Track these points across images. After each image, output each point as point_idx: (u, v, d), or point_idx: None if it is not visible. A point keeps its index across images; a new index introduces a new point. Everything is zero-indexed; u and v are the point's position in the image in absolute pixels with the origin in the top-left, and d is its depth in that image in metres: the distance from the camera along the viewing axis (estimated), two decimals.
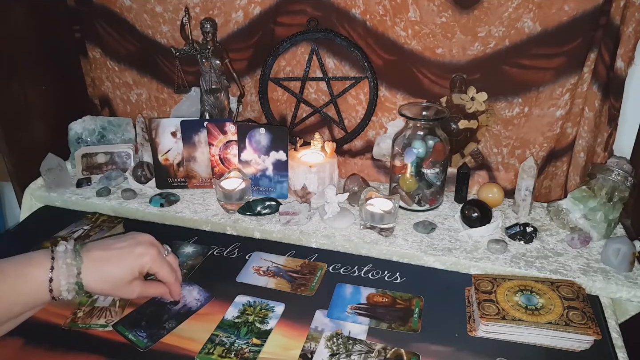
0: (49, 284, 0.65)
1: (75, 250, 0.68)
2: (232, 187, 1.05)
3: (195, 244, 1.00)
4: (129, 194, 1.12)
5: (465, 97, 1.06)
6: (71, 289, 0.66)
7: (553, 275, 0.86)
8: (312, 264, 0.94)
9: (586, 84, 1.00)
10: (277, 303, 0.83)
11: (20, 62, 1.20)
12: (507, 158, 1.13)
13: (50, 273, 0.65)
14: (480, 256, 0.91)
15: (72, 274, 0.66)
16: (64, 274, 0.65)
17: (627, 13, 0.91)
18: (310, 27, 1.12)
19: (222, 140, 1.12)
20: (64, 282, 0.65)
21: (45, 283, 0.65)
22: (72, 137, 1.24)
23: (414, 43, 1.07)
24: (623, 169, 0.94)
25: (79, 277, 0.66)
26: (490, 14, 0.99)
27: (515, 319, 0.74)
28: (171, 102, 1.32)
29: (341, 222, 1.01)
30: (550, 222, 1.02)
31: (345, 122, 1.21)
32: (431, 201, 1.07)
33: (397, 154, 1.05)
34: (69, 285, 0.66)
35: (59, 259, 0.66)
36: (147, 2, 1.20)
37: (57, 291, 0.65)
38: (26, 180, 1.20)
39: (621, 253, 0.86)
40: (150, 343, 0.75)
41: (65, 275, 0.65)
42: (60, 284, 0.65)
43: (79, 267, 0.67)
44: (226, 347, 0.74)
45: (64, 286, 0.65)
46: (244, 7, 1.15)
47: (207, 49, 1.12)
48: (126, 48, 1.29)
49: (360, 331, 0.77)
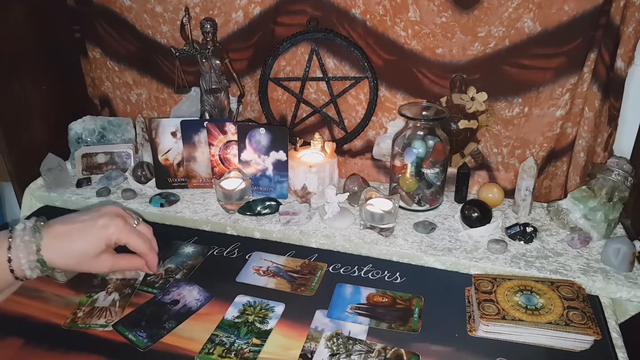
0: (9, 264, 0.62)
1: (35, 227, 0.64)
2: (232, 187, 1.05)
3: (195, 244, 1.00)
4: (129, 194, 1.12)
5: (465, 97, 1.06)
6: (33, 266, 0.63)
7: (553, 275, 0.86)
8: (312, 264, 0.94)
9: (586, 84, 1.00)
10: (277, 303, 0.83)
11: (20, 62, 1.20)
12: (507, 158, 1.13)
13: (8, 253, 0.62)
14: (480, 256, 0.91)
15: (31, 252, 0.63)
16: (23, 252, 0.62)
17: (627, 13, 0.91)
18: (310, 27, 1.12)
19: (222, 140, 1.12)
20: (24, 260, 0.62)
21: (4, 264, 0.62)
22: (72, 137, 1.24)
23: (414, 43, 1.07)
24: (623, 169, 0.94)
25: (39, 253, 0.63)
26: (490, 14, 0.99)
27: (515, 319, 0.74)
28: (171, 102, 1.32)
29: (341, 222, 1.01)
30: (550, 222, 1.02)
31: (345, 122, 1.21)
32: (431, 201, 1.07)
33: (397, 154, 1.05)
34: (30, 263, 0.63)
35: (16, 238, 0.63)
36: (147, 2, 1.20)
37: (19, 270, 0.62)
38: (26, 180, 1.20)
39: (621, 253, 0.86)
40: (150, 343, 0.75)
41: (25, 253, 0.62)
42: (20, 263, 0.62)
43: (38, 243, 0.63)
44: (226, 347, 0.74)
45: (25, 265, 0.62)
46: (244, 7, 1.15)
47: (207, 49, 1.12)
48: (126, 48, 1.29)
49: (360, 331, 0.77)
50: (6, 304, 0.82)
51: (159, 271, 0.79)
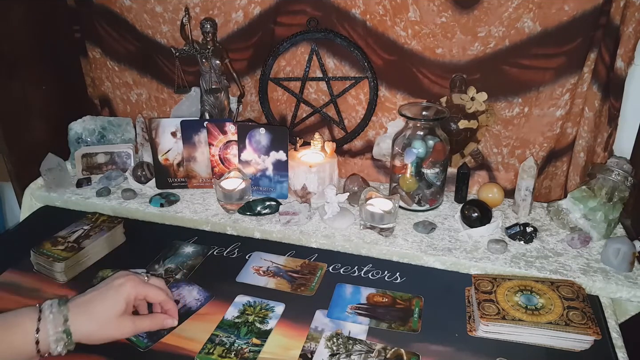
0: (36, 335, 0.64)
1: (60, 301, 0.68)
2: (232, 187, 1.05)
3: (195, 244, 1.00)
4: (129, 194, 1.12)
5: (465, 97, 1.06)
6: (59, 338, 0.65)
7: (553, 275, 0.86)
8: (312, 264, 0.94)
9: (586, 84, 1.00)
10: (277, 303, 0.83)
11: (20, 62, 1.20)
12: (507, 158, 1.13)
13: (37, 324, 0.65)
14: (480, 256, 0.91)
15: (59, 323, 0.66)
16: (52, 323, 0.65)
17: (627, 13, 0.91)
18: (310, 27, 1.12)
19: (222, 140, 1.12)
20: (52, 331, 0.65)
21: (31, 334, 0.64)
22: (72, 137, 1.24)
23: (414, 43, 1.07)
24: (623, 169, 0.94)
25: (66, 324, 0.66)
26: (490, 14, 0.99)
27: (515, 319, 0.74)
28: (171, 102, 1.32)
29: (341, 222, 1.01)
30: (550, 222, 1.02)
31: (345, 122, 1.21)
32: (431, 201, 1.07)
33: (397, 154, 1.05)
34: (57, 334, 0.65)
35: (45, 310, 0.66)
36: (147, 2, 1.20)
37: (45, 342, 0.64)
38: (26, 180, 1.20)
39: (621, 253, 0.86)
40: (150, 343, 0.75)
41: (53, 324, 0.65)
42: (48, 334, 0.65)
43: (65, 315, 0.66)
44: (226, 347, 0.74)
45: (52, 336, 0.65)
46: (244, 7, 1.15)
47: (207, 49, 1.12)
48: (126, 48, 1.29)
49: (360, 331, 0.77)
50: (6, 304, 0.82)
51: None
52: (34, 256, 0.91)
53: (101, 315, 0.69)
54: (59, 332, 0.65)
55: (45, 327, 0.65)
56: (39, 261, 0.91)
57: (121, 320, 0.70)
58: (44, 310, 0.66)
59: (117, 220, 1.01)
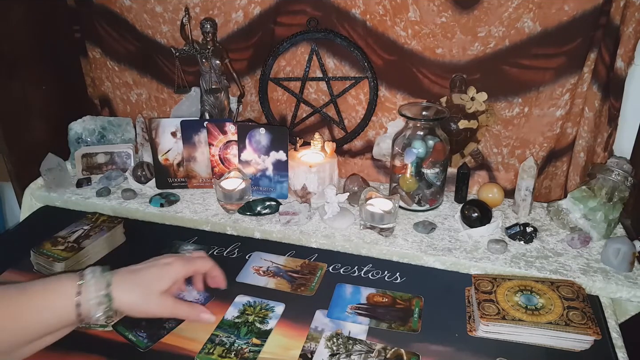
0: (77, 298, 0.62)
1: (103, 268, 0.66)
2: (232, 187, 1.05)
3: (195, 244, 1.00)
4: (129, 194, 1.12)
5: (465, 97, 1.06)
6: (100, 301, 0.63)
7: (553, 275, 0.86)
8: (312, 264, 0.94)
9: (586, 84, 1.00)
10: (277, 303, 0.83)
11: (20, 62, 1.20)
12: (507, 158, 1.13)
13: (79, 287, 0.62)
14: (480, 256, 0.91)
15: (101, 286, 0.63)
16: (94, 286, 0.63)
17: (627, 13, 0.91)
18: (310, 27, 1.12)
19: (222, 140, 1.12)
20: (94, 294, 0.62)
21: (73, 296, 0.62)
22: (72, 137, 1.24)
23: (414, 43, 1.07)
24: (623, 169, 0.94)
25: (108, 288, 0.63)
26: (490, 14, 0.99)
27: (515, 319, 0.73)
28: (171, 102, 1.32)
29: (341, 222, 1.01)
30: (550, 222, 1.02)
31: (345, 122, 1.21)
32: (431, 201, 1.07)
33: (397, 154, 1.05)
34: (99, 298, 0.62)
35: (87, 274, 0.64)
36: (147, 2, 1.20)
37: (86, 305, 0.62)
38: (26, 180, 1.20)
39: (621, 253, 0.86)
40: (150, 343, 0.75)
41: (95, 288, 0.63)
42: (89, 297, 0.62)
43: (108, 279, 0.64)
44: (226, 347, 0.74)
45: (93, 299, 0.62)
46: (244, 7, 1.15)
47: (207, 49, 1.12)
48: (126, 48, 1.29)
49: (360, 331, 0.77)
50: None
51: None
52: (34, 256, 0.91)
53: (145, 287, 0.67)
54: (101, 296, 0.63)
55: (87, 290, 0.62)
56: (39, 261, 0.91)
57: (163, 298, 0.68)
58: (85, 274, 0.64)
59: (117, 220, 1.01)
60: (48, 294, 0.62)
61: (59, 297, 0.62)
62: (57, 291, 0.62)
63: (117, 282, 0.65)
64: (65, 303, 0.62)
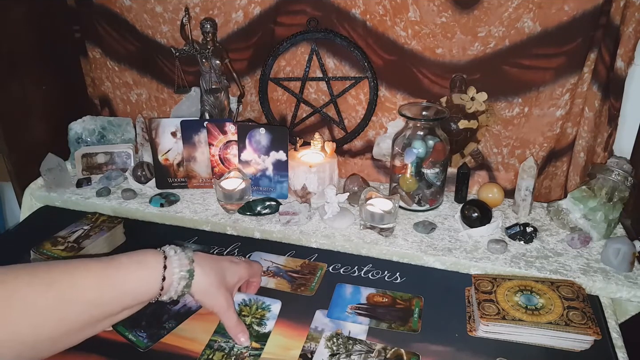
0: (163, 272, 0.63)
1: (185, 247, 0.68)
2: (232, 187, 1.05)
3: (195, 244, 1.00)
4: (129, 194, 1.12)
5: (465, 97, 1.06)
6: (183, 277, 0.65)
7: (553, 275, 0.86)
8: (312, 264, 0.94)
9: (586, 84, 1.00)
10: (273, 300, 0.82)
11: (20, 62, 1.20)
12: (507, 158, 1.13)
13: (164, 261, 0.64)
14: (480, 256, 0.91)
15: (185, 263, 0.65)
16: (178, 262, 0.65)
17: (627, 13, 0.91)
18: (310, 27, 1.12)
19: (222, 140, 1.12)
20: (178, 269, 0.64)
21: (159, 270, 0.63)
22: (72, 137, 1.24)
23: (414, 43, 1.07)
24: (623, 169, 0.94)
25: (192, 264, 0.66)
26: (490, 14, 0.99)
27: (515, 319, 0.73)
28: (171, 102, 1.32)
29: (341, 222, 1.01)
30: (550, 222, 1.02)
31: (345, 122, 1.21)
32: (431, 201, 1.07)
33: (397, 154, 1.05)
34: (182, 273, 0.64)
35: (169, 250, 0.66)
36: (147, 2, 1.20)
37: (169, 279, 0.63)
38: (26, 180, 1.20)
39: (621, 253, 0.86)
40: (150, 343, 0.75)
41: (179, 263, 0.65)
42: (173, 272, 0.64)
43: (190, 257, 0.67)
44: (225, 352, 0.73)
45: (177, 274, 0.64)
46: (244, 7, 1.15)
47: (207, 49, 1.12)
48: (126, 48, 1.29)
49: (360, 331, 0.77)
50: None
51: None
52: (34, 256, 0.91)
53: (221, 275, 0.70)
54: (184, 272, 0.65)
55: (171, 264, 0.64)
56: (39, 261, 0.91)
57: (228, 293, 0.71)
58: (167, 251, 0.65)
59: (117, 220, 1.01)
60: (135, 266, 0.62)
61: (146, 269, 0.63)
62: (144, 263, 0.63)
63: (199, 261, 0.67)
64: (152, 275, 0.63)
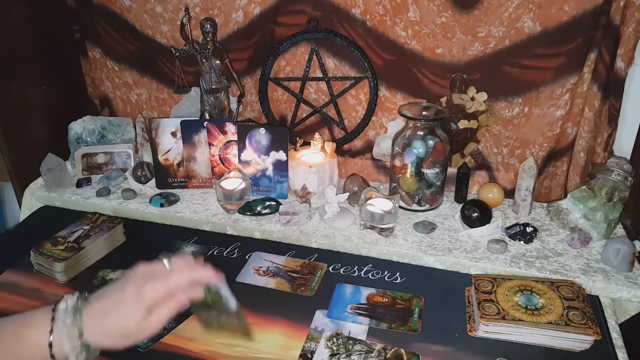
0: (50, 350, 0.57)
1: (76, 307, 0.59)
2: (232, 187, 1.05)
3: (195, 244, 1.00)
4: (129, 194, 1.12)
5: (465, 97, 1.06)
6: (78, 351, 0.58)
7: (553, 275, 0.86)
8: (312, 264, 0.94)
9: (586, 84, 1.00)
10: None
11: (20, 62, 1.20)
12: (507, 158, 1.13)
13: (49, 337, 0.57)
14: (480, 256, 0.91)
15: (74, 336, 0.57)
16: (65, 337, 0.57)
17: (627, 13, 0.91)
18: (310, 27, 1.12)
19: (222, 140, 1.12)
20: (68, 345, 0.57)
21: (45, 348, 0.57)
22: (72, 137, 1.24)
23: (414, 43, 1.07)
24: (623, 169, 0.94)
25: (81, 338, 0.58)
26: (490, 14, 0.99)
27: (515, 319, 0.73)
28: (171, 102, 1.32)
29: (341, 222, 1.01)
30: (550, 222, 1.02)
31: (345, 122, 1.21)
32: (431, 201, 1.07)
33: (397, 154, 1.05)
34: (74, 348, 0.57)
35: (58, 320, 0.58)
36: (147, 2, 1.20)
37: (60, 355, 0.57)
38: (26, 180, 1.20)
39: (621, 253, 0.86)
40: (150, 343, 0.75)
41: (67, 338, 0.57)
42: (62, 348, 0.57)
43: (79, 327, 0.58)
44: None
45: (69, 350, 0.57)
46: (244, 7, 1.15)
47: (207, 49, 1.12)
48: (126, 48, 1.29)
49: (360, 331, 0.77)
50: (6, 304, 0.82)
51: None
52: (34, 256, 0.91)
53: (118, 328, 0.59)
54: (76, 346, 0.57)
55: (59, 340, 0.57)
56: (39, 261, 0.91)
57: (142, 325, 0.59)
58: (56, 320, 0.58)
59: (117, 220, 1.01)
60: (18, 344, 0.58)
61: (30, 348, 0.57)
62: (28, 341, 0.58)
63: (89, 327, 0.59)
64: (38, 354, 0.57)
